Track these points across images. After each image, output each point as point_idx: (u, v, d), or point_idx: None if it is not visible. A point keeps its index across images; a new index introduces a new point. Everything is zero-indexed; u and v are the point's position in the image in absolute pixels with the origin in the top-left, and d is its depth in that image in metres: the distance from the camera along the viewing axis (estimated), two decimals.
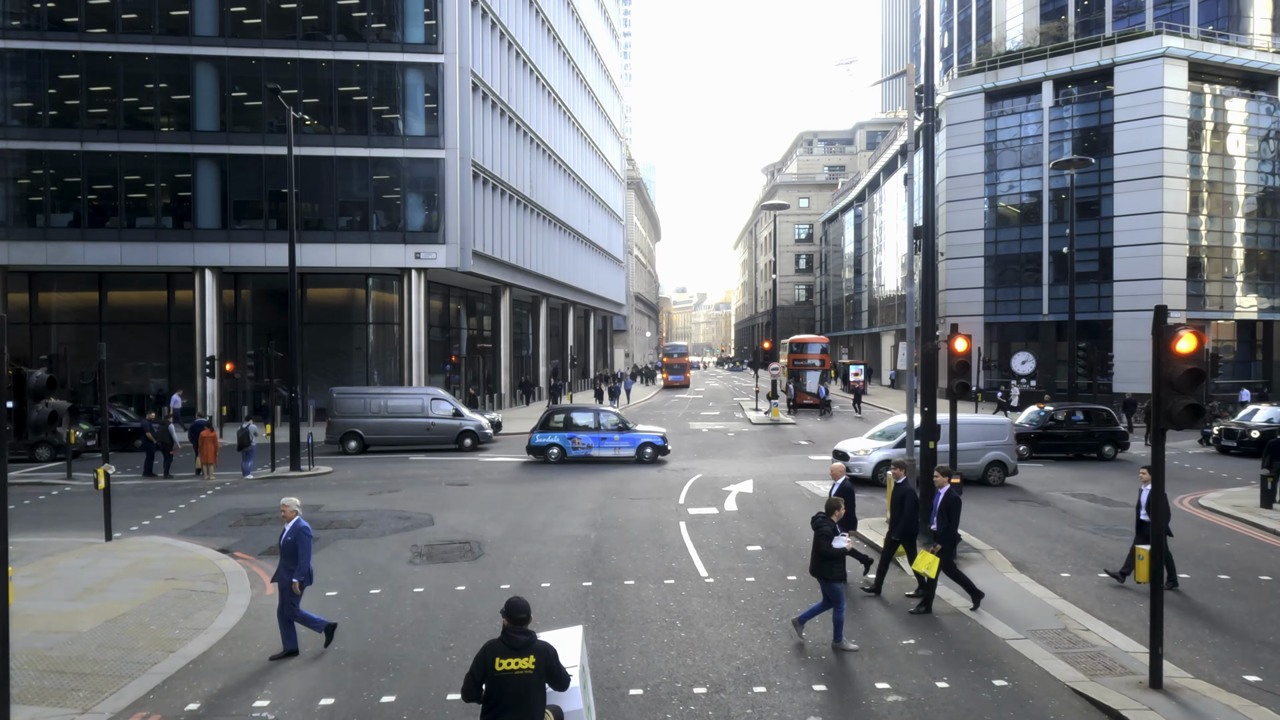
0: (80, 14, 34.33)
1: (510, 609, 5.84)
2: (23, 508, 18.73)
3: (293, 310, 25.22)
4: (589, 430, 25.69)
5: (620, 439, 25.56)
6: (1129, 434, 27.97)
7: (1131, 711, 8.00)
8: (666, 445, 26.02)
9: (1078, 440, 27.06)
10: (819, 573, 9.83)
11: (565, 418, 26.11)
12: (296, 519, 9.65)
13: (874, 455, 21.59)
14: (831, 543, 9.63)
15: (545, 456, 25.39)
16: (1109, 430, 26.91)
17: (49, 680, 8.89)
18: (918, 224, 17.24)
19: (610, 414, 26.61)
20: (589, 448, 25.43)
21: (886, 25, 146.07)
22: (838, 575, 9.74)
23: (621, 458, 25.44)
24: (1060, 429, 27.16)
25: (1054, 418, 27.48)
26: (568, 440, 25.44)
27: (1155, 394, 8.50)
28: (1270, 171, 46.11)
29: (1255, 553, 14.77)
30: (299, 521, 9.63)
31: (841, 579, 9.81)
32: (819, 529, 9.86)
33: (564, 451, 25.35)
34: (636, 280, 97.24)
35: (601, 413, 26.62)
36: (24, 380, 7.17)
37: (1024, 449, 25.52)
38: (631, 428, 26.08)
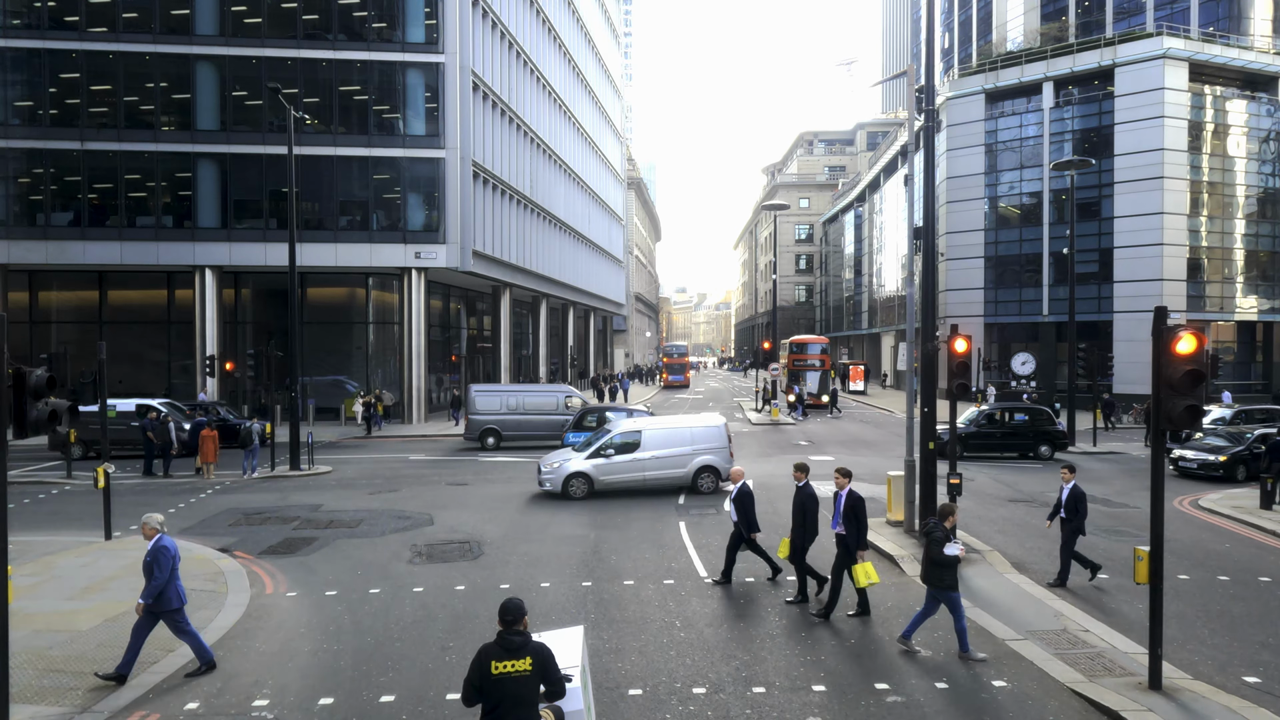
0: (81, 13, 34.33)
1: (502, 611, 5.85)
2: (22, 507, 18.74)
3: (293, 310, 25.23)
4: None
5: None
6: (1066, 435, 27.79)
7: (1131, 713, 8.00)
8: None
9: (1011, 440, 26.92)
10: (930, 580, 9.51)
11: (599, 417, 26.02)
12: (157, 537, 9.10)
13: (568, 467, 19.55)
14: (944, 549, 9.30)
15: None
16: (1046, 430, 26.73)
17: (48, 679, 8.89)
18: (918, 224, 17.24)
19: (642, 414, 26.39)
20: None
21: (887, 26, 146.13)
22: (950, 583, 9.43)
23: None
24: (993, 429, 27.03)
25: (990, 417, 27.40)
26: None
27: (1155, 395, 8.50)
28: (1270, 173, 46.11)
29: (1255, 554, 14.77)
30: (160, 540, 9.08)
31: (954, 586, 9.49)
32: (930, 535, 9.48)
33: None
34: (636, 280, 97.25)
35: (635, 412, 26.41)
36: (24, 379, 7.17)
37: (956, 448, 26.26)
38: None
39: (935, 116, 20.10)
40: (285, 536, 15.84)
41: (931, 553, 9.40)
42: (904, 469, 16.09)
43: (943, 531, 9.47)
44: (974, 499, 19.19)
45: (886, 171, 65.34)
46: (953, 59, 70.14)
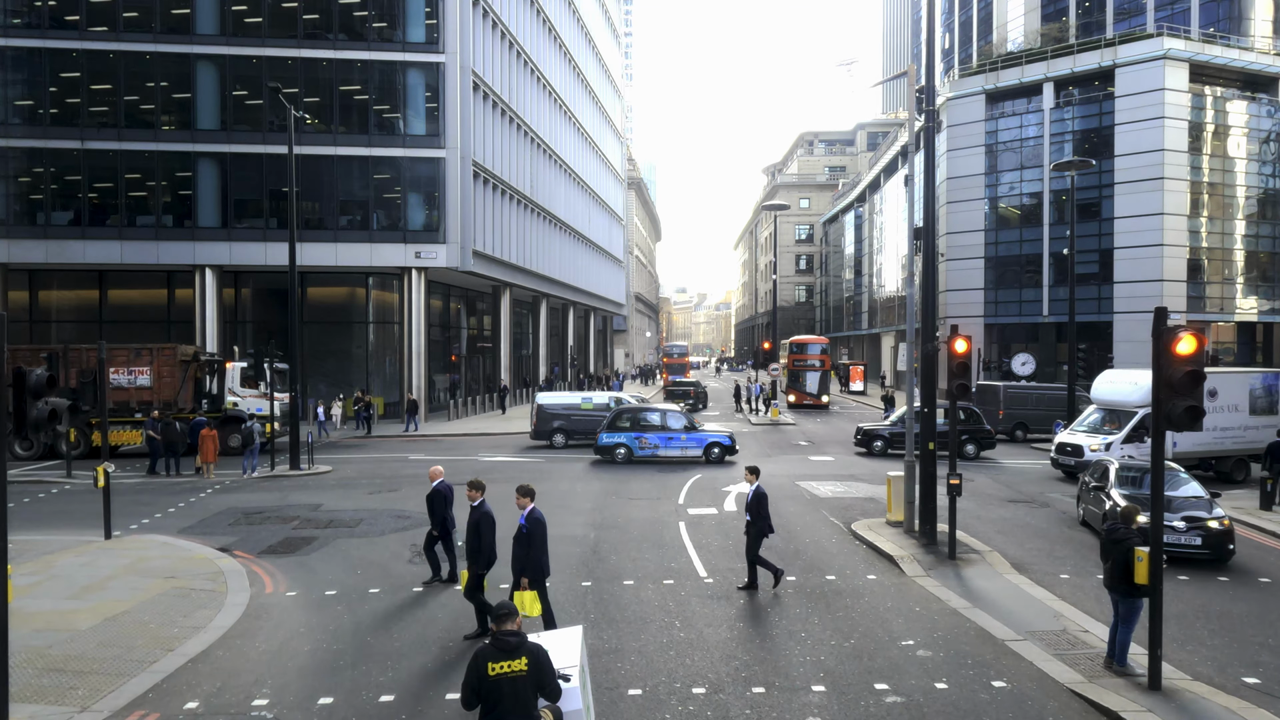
0: (81, 12, 34.33)
1: (493, 611, 5.88)
2: (22, 506, 18.75)
3: (293, 309, 25.22)
4: (656, 430, 25.49)
5: (687, 439, 25.34)
6: (994, 434, 27.77)
7: (1130, 713, 8.01)
8: (734, 445, 25.76)
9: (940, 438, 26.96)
10: (1120, 587, 9.02)
11: (632, 418, 25.93)
12: None
13: None
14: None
15: (612, 456, 25.24)
16: (973, 429, 26.68)
17: (48, 678, 8.89)
18: (918, 225, 17.24)
19: (677, 414, 26.32)
20: (656, 447, 25.25)
21: (888, 26, 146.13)
22: (1141, 590, 8.94)
23: (689, 458, 25.27)
24: None
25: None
26: (634, 440, 25.27)
27: (1155, 395, 8.51)
28: (1271, 174, 46.12)
29: (1255, 554, 14.77)
30: None
31: (1144, 594, 8.95)
32: (1125, 540, 8.96)
33: (631, 451, 25.18)
34: (637, 280, 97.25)
35: (669, 413, 26.28)
36: (24, 378, 7.17)
37: (879, 445, 27.56)
38: (698, 428, 25.87)
39: (935, 117, 20.11)
40: (285, 536, 15.83)
41: (1128, 559, 8.89)
42: (904, 469, 16.09)
43: (1139, 537, 9.01)
44: (973, 499, 19.19)
45: (887, 172, 65.35)
46: (953, 59, 70.14)
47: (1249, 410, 22.75)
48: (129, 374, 26.46)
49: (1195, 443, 21.73)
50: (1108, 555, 9.15)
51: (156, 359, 26.86)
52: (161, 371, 26.72)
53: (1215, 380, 21.75)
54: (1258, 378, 23.48)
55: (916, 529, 15.16)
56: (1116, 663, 9.12)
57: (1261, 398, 23.09)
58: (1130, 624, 9.09)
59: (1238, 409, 22.57)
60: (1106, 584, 9.30)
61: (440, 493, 12.12)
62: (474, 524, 9.97)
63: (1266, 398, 23.19)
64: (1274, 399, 23.29)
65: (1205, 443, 22.11)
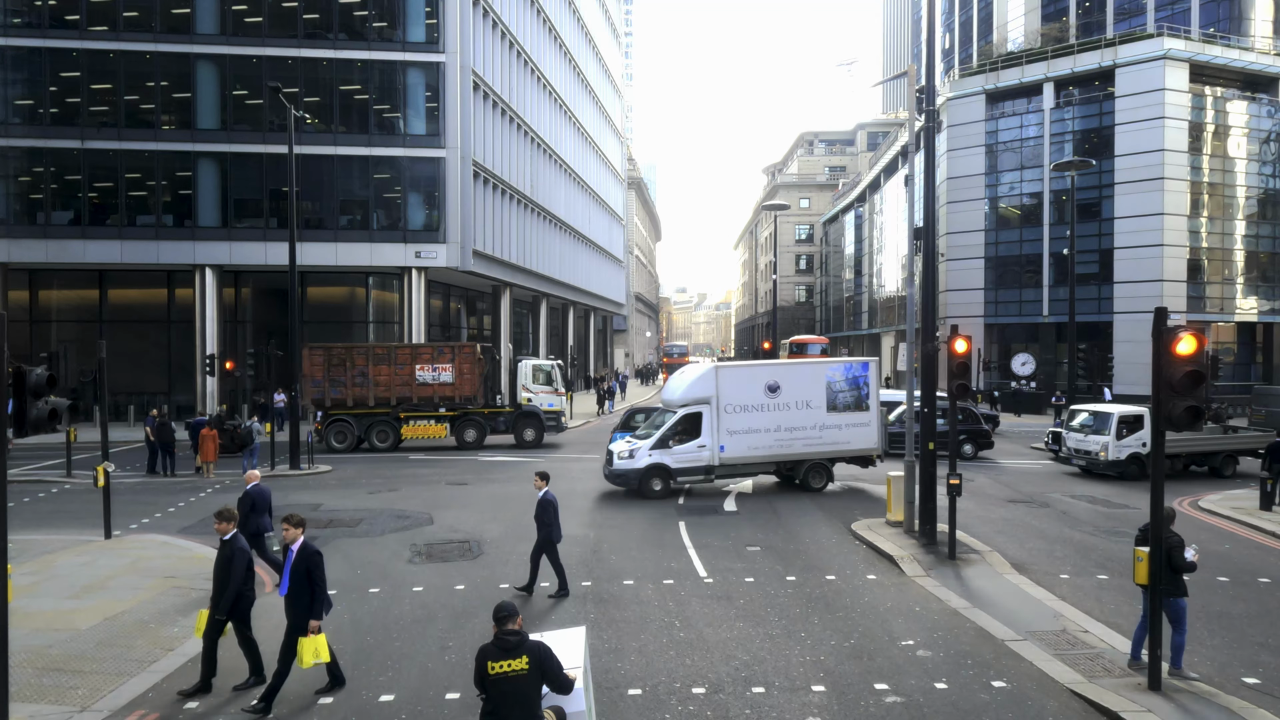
0: (81, 12, 34.33)
1: (495, 612, 5.91)
2: (22, 505, 18.74)
3: (293, 309, 25.22)
4: None
5: None
6: (990, 436, 27.53)
7: (1130, 713, 8.01)
8: None
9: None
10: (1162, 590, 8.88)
11: (647, 418, 25.86)
12: None
13: None
14: (1184, 554, 8.83)
15: None
16: (970, 429, 26.65)
17: (48, 678, 8.89)
18: (918, 225, 17.24)
19: None
20: None
21: (888, 26, 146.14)
22: (1182, 590, 9.01)
23: None
24: None
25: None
26: None
27: (1155, 396, 8.51)
28: (1271, 174, 46.11)
29: (1254, 555, 14.77)
30: None
31: (1185, 593, 9.05)
32: (1167, 540, 8.86)
33: None
34: (637, 280, 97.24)
35: None
36: (24, 378, 7.17)
37: None
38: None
39: (936, 117, 20.10)
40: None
41: (1173, 559, 8.81)
42: (904, 469, 16.09)
43: (1178, 536, 8.97)
44: (974, 499, 19.19)
45: (887, 172, 65.34)
46: (953, 59, 70.14)
47: (825, 407, 20.00)
48: (433, 371, 27.60)
49: (750, 446, 19.59)
50: None
51: (458, 356, 28.03)
52: (463, 368, 27.86)
53: (777, 373, 20.05)
54: (838, 369, 20.50)
55: (916, 529, 15.16)
56: (1173, 666, 8.98)
57: (844, 392, 20.22)
58: (1181, 626, 8.99)
59: (810, 405, 19.85)
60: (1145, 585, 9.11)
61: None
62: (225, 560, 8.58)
63: (851, 392, 20.30)
64: (861, 394, 20.37)
65: (764, 446, 19.73)
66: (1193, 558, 8.89)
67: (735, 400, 19.61)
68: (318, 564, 8.39)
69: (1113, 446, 22.63)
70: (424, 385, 27.77)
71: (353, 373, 27.85)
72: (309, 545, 8.47)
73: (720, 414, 19.53)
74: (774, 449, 19.88)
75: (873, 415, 20.58)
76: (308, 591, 8.32)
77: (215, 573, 8.66)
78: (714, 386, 19.60)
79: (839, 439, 20.25)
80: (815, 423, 19.97)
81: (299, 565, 8.33)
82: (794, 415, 19.80)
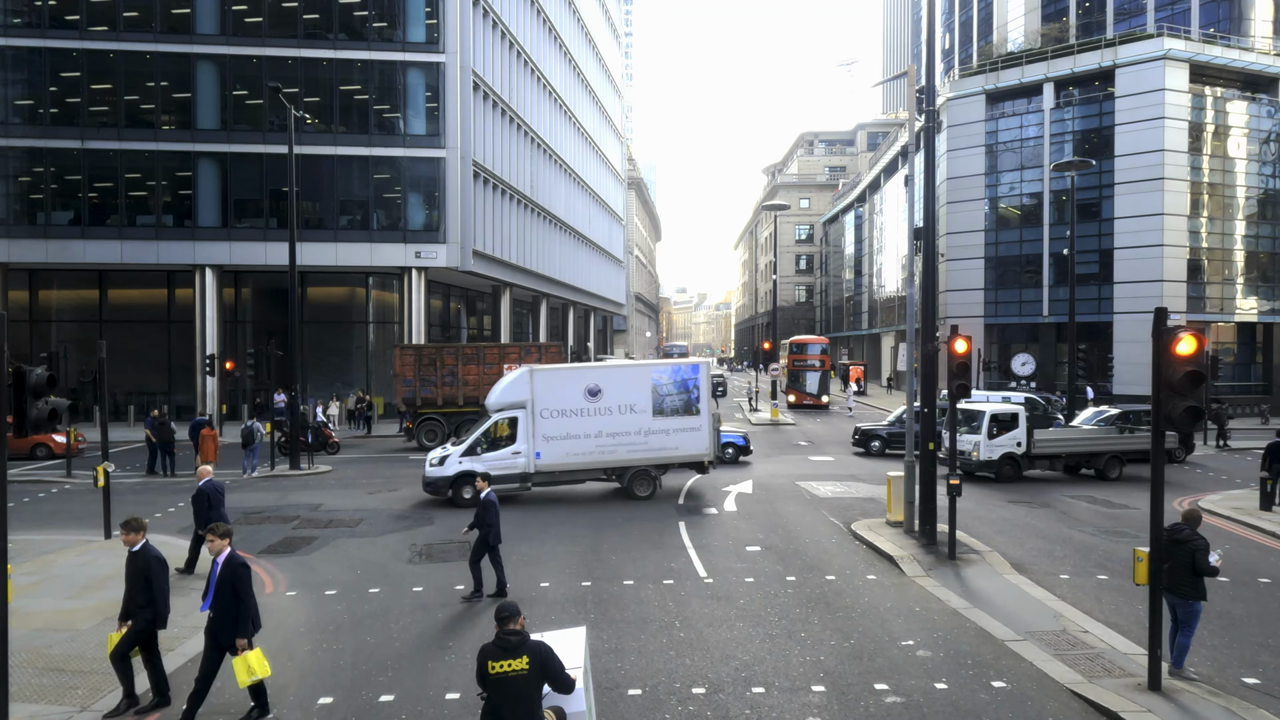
0: (82, 12, 34.33)
1: (496, 611, 5.94)
2: (22, 505, 18.75)
3: (293, 309, 25.23)
4: None
5: None
6: None
7: (1130, 713, 8.01)
8: (749, 445, 25.96)
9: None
10: (1181, 590, 8.89)
11: None
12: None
13: None
14: (1209, 558, 8.79)
15: None
16: None
17: (48, 678, 8.89)
18: (918, 225, 17.24)
19: None
20: None
21: (888, 26, 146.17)
22: (1202, 593, 8.93)
23: None
24: None
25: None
26: None
27: (1155, 396, 8.51)
28: (1271, 174, 46.10)
29: (1254, 555, 14.77)
30: None
31: (1204, 596, 8.96)
32: (1188, 542, 8.84)
33: None
34: (637, 280, 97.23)
35: None
36: (24, 378, 7.17)
37: (877, 445, 27.73)
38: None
39: (936, 117, 20.11)
40: (285, 536, 15.84)
41: (1197, 562, 8.78)
42: (904, 469, 16.09)
43: (1203, 539, 8.90)
44: (974, 499, 19.20)
45: (887, 172, 65.35)
46: (953, 60, 70.12)
47: (651, 411, 19.00)
48: None
49: (568, 452, 18.67)
50: (1168, 556, 8.99)
51: (544, 356, 28.94)
52: None
53: (598, 376, 19.11)
54: (665, 372, 19.35)
55: (916, 529, 15.16)
56: (1174, 665, 9.01)
57: (671, 396, 19.18)
58: (1190, 628, 8.96)
59: (634, 410, 18.86)
60: (1165, 586, 9.04)
61: None
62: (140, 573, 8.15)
63: (680, 396, 19.23)
64: (690, 397, 19.27)
65: (584, 452, 18.75)
66: (1216, 562, 8.84)
67: (552, 405, 18.65)
68: (244, 577, 7.88)
69: (984, 446, 21.94)
70: None
71: (442, 372, 28.49)
72: (236, 557, 7.94)
73: (536, 419, 18.58)
74: (595, 456, 18.90)
75: (703, 420, 19.42)
76: (234, 607, 7.78)
77: (129, 587, 8.20)
78: (529, 390, 18.59)
79: (666, 445, 19.19)
80: (640, 428, 18.97)
81: (224, 579, 7.78)
82: (617, 420, 18.77)
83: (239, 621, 7.80)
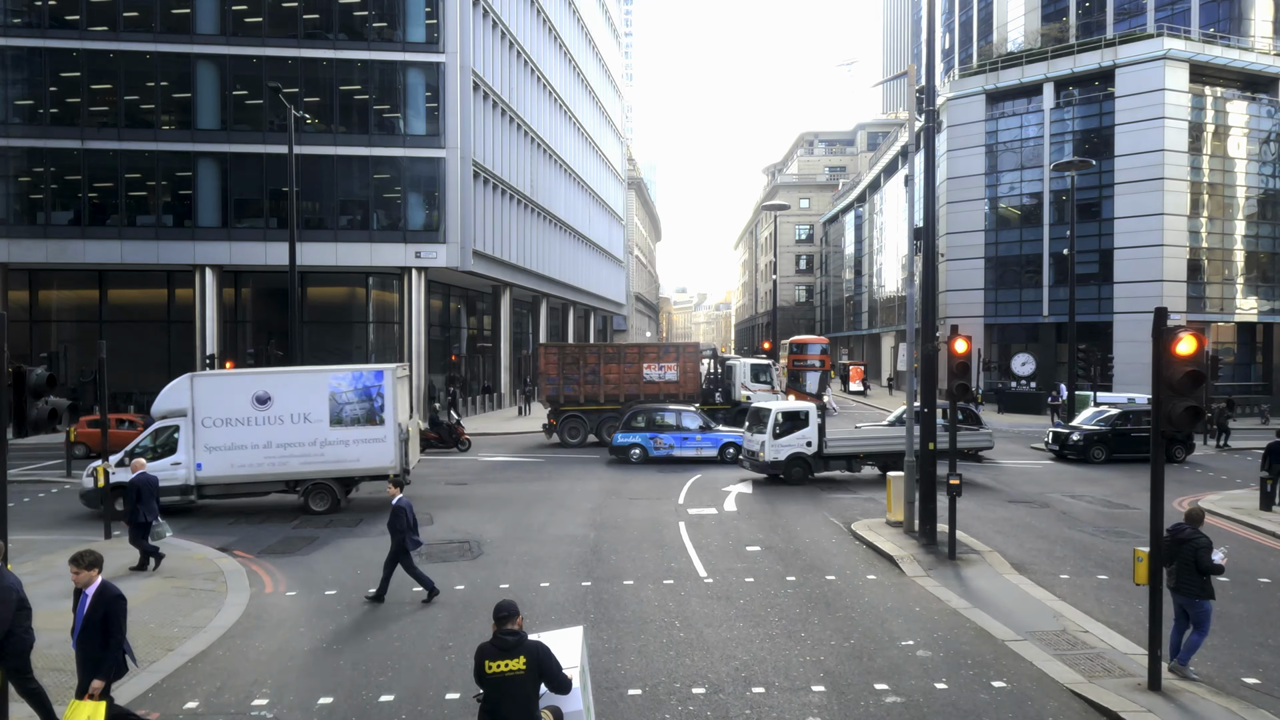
0: (81, 12, 34.31)
1: (495, 611, 5.93)
2: (22, 505, 18.75)
3: (293, 309, 25.23)
4: (671, 430, 25.48)
5: (703, 439, 25.34)
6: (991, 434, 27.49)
7: (1130, 713, 8.01)
8: None
9: None
10: (1187, 590, 8.91)
11: (648, 418, 25.83)
12: None
13: None
14: (1212, 556, 8.77)
15: (626, 456, 25.24)
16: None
17: (48, 678, 8.86)
18: (918, 225, 17.24)
19: (692, 414, 26.28)
20: (671, 447, 25.26)
21: (888, 26, 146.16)
22: (1210, 592, 8.93)
23: (704, 457, 25.28)
24: None
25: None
26: (649, 440, 25.27)
27: (1155, 396, 8.51)
28: (1271, 174, 46.11)
29: (1254, 555, 14.76)
30: None
31: (1213, 595, 8.97)
32: (1191, 541, 8.86)
33: (646, 451, 25.18)
34: (637, 280, 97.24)
35: (684, 413, 26.24)
36: (24, 378, 7.18)
37: None
38: (714, 428, 25.89)
39: (936, 117, 20.10)
40: (285, 535, 15.84)
41: (1200, 560, 8.80)
42: (904, 469, 16.09)
43: (1206, 538, 8.90)
44: (973, 499, 19.19)
45: (887, 172, 65.35)
46: (953, 60, 70.14)
47: (329, 421, 17.59)
48: (659, 369, 28.83)
49: (234, 464, 17.27)
50: (1173, 557, 9.00)
51: (682, 355, 29.32)
52: (686, 366, 29.11)
53: (267, 382, 17.53)
54: (344, 379, 17.87)
55: (916, 529, 15.16)
56: (1179, 662, 9.02)
57: (351, 404, 17.73)
58: (1204, 628, 8.92)
59: (308, 419, 17.45)
60: (1172, 586, 9.09)
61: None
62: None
63: (361, 404, 17.77)
64: (374, 406, 17.80)
65: (252, 464, 17.36)
66: (1221, 560, 8.82)
67: (216, 413, 17.27)
68: (118, 611, 6.93)
69: (769, 446, 21.08)
70: (650, 383, 28.85)
71: (585, 370, 28.88)
72: (110, 588, 6.98)
73: (198, 428, 17.20)
74: (265, 468, 17.48)
75: (388, 430, 17.87)
76: (101, 646, 6.85)
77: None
78: (189, 398, 17.30)
79: (346, 456, 17.75)
80: (315, 438, 17.55)
81: (95, 611, 6.85)
82: (289, 430, 17.33)
83: (101, 663, 6.82)
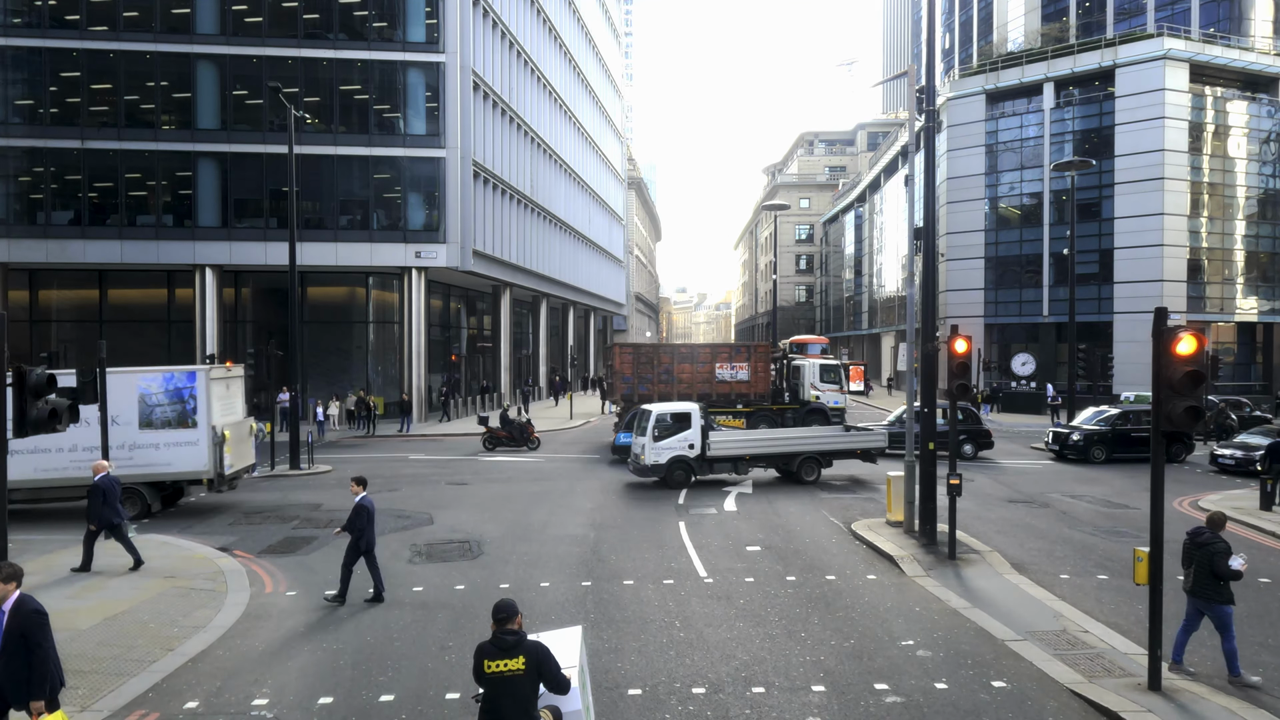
0: (82, 11, 34.33)
1: (494, 611, 5.92)
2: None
3: (293, 309, 25.23)
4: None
5: None
6: (990, 436, 27.23)
7: (1130, 713, 8.01)
8: None
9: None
10: (1205, 593, 8.90)
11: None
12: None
13: None
14: (1229, 561, 8.73)
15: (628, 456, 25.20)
16: (970, 429, 26.50)
17: None
18: (918, 225, 17.24)
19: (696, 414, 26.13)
20: None
21: (888, 26, 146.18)
22: (1228, 597, 8.86)
23: None
24: None
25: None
26: None
27: (1155, 396, 8.51)
28: (1271, 174, 46.13)
29: (1254, 555, 14.75)
30: None
31: (1232, 600, 8.91)
32: (1209, 545, 8.85)
33: None
34: (637, 280, 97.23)
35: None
36: (24, 378, 7.18)
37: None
38: (716, 427, 25.78)
39: (936, 117, 20.10)
40: (285, 535, 15.84)
41: (1216, 565, 8.77)
42: (904, 469, 16.09)
43: (1225, 543, 8.87)
44: (974, 499, 19.19)
45: (887, 172, 65.36)
46: (953, 59, 70.16)
47: (138, 423, 16.97)
48: (731, 369, 28.83)
49: (38, 469, 16.52)
50: (1190, 560, 9.00)
51: (753, 356, 29.33)
52: (758, 366, 29.08)
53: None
54: (155, 380, 17.17)
55: (916, 529, 15.16)
56: (1231, 673, 8.94)
57: (162, 406, 17.09)
58: (1229, 632, 8.90)
59: (116, 421, 16.58)
60: (1188, 589, 9.07)
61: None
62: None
63: (173, 406, 17.12)
64: (186, 408, 17.17)
65: (57, 469, 16.60)
66: (1239, 566, 8.78)
67: None
68: (38, 626, 6.40)
69: (649, 449, 20.45)
70: (723, 383, 28.84)
71: (659, 370, 28.83)
72: (28, 602, 6.49)
73: None
74: (70, 471, 16.70)
75: (201, 433, 17.23)
76: (26, 664, 6.33)
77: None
78: None
79: (157, 460, 17.14)
80: (124, 441, 16.84)
81: (12, 629, 6.35)
82: (96, 433, 16.07)
83: (33, 681, 6.35)
